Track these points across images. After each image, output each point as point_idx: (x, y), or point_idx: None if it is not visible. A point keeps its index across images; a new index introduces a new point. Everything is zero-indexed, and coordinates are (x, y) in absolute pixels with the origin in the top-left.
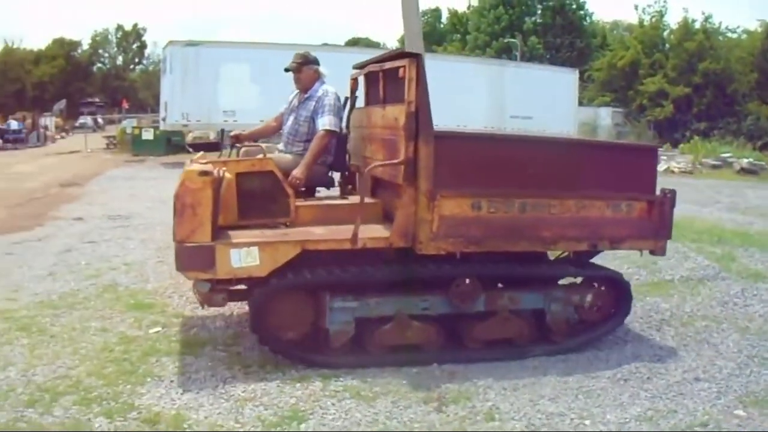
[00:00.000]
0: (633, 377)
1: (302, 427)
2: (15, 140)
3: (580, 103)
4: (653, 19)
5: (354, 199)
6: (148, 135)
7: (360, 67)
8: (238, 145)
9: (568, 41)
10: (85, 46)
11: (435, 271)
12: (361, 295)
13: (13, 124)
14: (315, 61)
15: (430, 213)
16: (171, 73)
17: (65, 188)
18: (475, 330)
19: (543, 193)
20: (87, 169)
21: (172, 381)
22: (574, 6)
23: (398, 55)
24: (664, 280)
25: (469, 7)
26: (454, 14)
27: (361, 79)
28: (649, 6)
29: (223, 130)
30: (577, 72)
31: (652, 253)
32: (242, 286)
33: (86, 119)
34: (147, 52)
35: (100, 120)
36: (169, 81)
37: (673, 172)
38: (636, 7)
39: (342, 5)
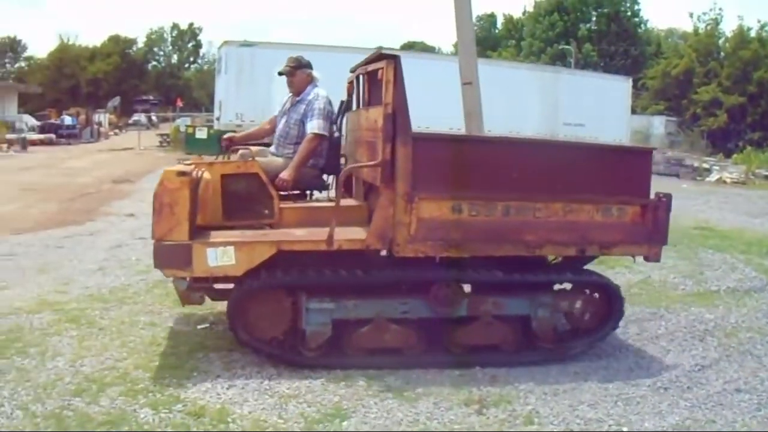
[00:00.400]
0: (673, 386)
1: (344, 424)
2: (69, 135)
3: (634, 112)
4: (708, 27)
5: (345, 201)
6: (201, 134)
7: (354, 70)
8: (232, 147)
9: (622, 49)
10: (140, 44)
11: (409, 275)
12: (339, 297)
13: (67, 120)
14: (308, 65)
15: (408, 215)
16: (226, 73)
17: (117, 184)
18: (456, 335)
19: (527, 196)
20: (139, 166)
21: (218, 376)
22: (629, 13)
23: (378, 57)
24: (709, 290)
25: (524, 13)
26: (509, 20)
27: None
28: (704, 14)
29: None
30: (630, 80)
31: (646, 259)
32: (229, 285)
33: (140, 117)
34: (202, 51)
35: (153, 118)
36: (223, 81)
37: (725, 182)
38: (691, 15)
39: (398, 9)
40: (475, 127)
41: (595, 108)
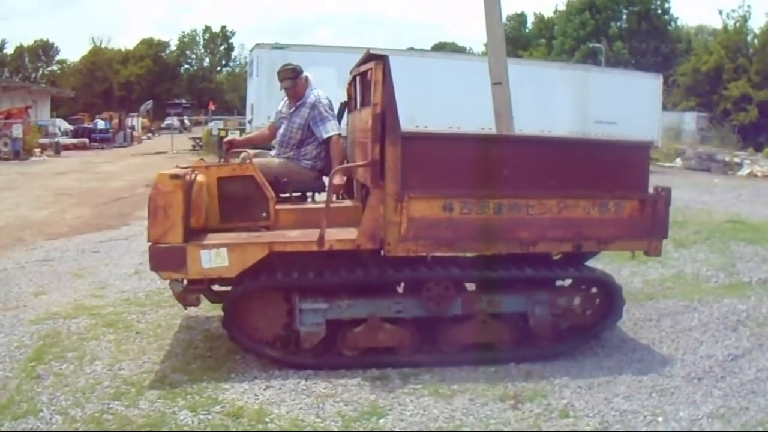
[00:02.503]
0: (707, 376)
1: (381, 422)
2: (102, 140)
3: (665, 108)
4: (737, 24)
5: (341, 202)
6: (234, 137)
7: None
8: (232, 150)
9: (653, 46)
10: (173, 47)
11: (401, 274)
12: (332, 297)
13: (100, 124)
14: (302, 70)
15: (398, 215)
16: (257, 76)
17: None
18: (450, 333)
19: (520, 194)
20: None
21: (255, 377)
22: (660, 11)
23: (367, 57)
24: (741, 282)
25: (555, 12)
26: (540, 19)
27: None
28: (733, 11)
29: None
30: (661, 77)
31: (646, 253)
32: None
33: (172, 120)
34: (234, 54)
35: (186, 121)
36: (255, 84)
37: (756, 176)
38: (720, 12)
39: (430, 8)
40: (505, 127)
41: (626, 105)
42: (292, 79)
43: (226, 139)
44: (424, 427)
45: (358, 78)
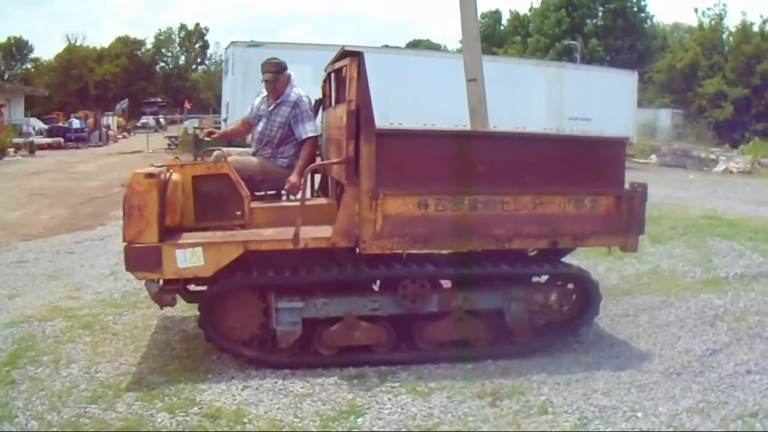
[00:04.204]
0: (685, 371)
1: (359, 421)
2: (77, 139)
3: (640, 105)
4: (712, 22)
5: (316, 200)
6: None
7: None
8: (207, 149)
9: (628, 43)
10: (149, 45)
11: (376, 272)
12: (308, 296)
13: (75, 123)
14: (286, 67)
15: (373, 212)
16: (233, 74)
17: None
18: (427, 331)
19: (495, 190)
20: None
21: (232, 377)
22: (636, 9)
23: (343, 54)
24: (718, 277)
25: (530, 9)
26: (515, 16)
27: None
28: (708, 9)
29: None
30: (636, 74)
31: (622, 249)
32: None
33: (148, 119)
34: (209, 52)
35: (162, 120)
36: (230, 82)
37: (731, 172)
38: (696, 10)
39: (404, 6)
40: (479, 123)
41: (601, 102)
42: (275, 74)
43: (206, 130)
44: (402, 426)
45: (333, 75)
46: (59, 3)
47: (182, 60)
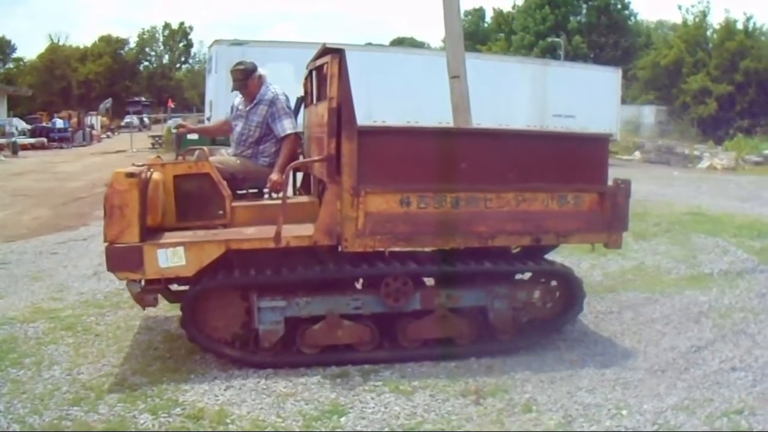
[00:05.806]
0: (670, 368)
1: (342, 420)
2: (60, 139)
3: (624, 102)
4: (696, 19)
5: (297, 199)
6: (193, 135)
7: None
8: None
9: (612, 40)
10: (132, 45)
11: (358, 270)
12: (290, 295)
13: (59, 123)
14: (254, 68)
15: (355, 210)
16: (216, 73)
17: None
18: (410, 329)
19: (477, 187)
20: None
21: (215, 378)
22: (620, 6)
23: (324, 51)
24: (703, 273)
25: (514, 7)
26: (499, 14)
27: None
28: (692, 6)
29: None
30: (620, 71)
31: (606, 246)
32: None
33: (132, 118)
34: (193, 51)
35: (145, 119)
36: (214, 80)
37: (716, 168)
38: (680, 7)
39: (388, 4)
40: (462, 120)
41: (585, 99)
42: (243, 80)
43: (177, 123)
44: (385, 425)
45: (314, 72)
46: (40, 2)
47: (166, 59)
